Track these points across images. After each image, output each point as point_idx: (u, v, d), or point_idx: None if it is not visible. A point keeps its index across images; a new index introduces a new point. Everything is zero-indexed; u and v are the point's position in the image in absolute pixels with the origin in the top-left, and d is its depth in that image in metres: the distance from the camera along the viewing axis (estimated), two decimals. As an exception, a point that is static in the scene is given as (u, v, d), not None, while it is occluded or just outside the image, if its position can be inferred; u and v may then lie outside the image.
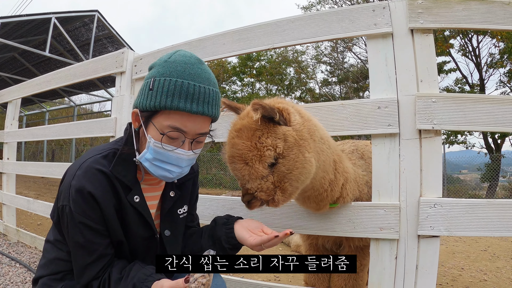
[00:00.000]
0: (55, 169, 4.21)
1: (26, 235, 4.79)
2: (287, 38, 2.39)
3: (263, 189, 1.68)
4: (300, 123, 1.77)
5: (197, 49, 2.75)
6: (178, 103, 1.36)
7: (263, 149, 1.66)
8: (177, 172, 1.51)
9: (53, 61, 16.77)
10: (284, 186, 1.71)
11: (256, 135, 1.68)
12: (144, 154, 1.47)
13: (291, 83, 27.04)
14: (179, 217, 1.76)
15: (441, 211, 1.95)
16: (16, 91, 5.07)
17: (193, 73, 1.40)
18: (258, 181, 1.67)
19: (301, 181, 1.76)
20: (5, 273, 3.58)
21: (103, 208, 1.45)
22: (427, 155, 2.00)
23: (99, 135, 3.41)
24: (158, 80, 1.39)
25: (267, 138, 1.67)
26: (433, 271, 1.99)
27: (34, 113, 27.35)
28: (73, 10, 14.93)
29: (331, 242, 2.59)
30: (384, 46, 2.13)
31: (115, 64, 3.31)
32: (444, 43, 16.61)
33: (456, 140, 18.50)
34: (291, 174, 1.70)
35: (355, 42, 22.31)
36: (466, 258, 5.40)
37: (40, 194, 10.88)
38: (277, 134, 1.69)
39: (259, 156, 1.65)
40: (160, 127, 1.41)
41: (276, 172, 1.69)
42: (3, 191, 5.16)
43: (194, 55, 1.48)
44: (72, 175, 1.46)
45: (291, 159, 1.69)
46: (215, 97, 1.46)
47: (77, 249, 1.47)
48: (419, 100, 2.00)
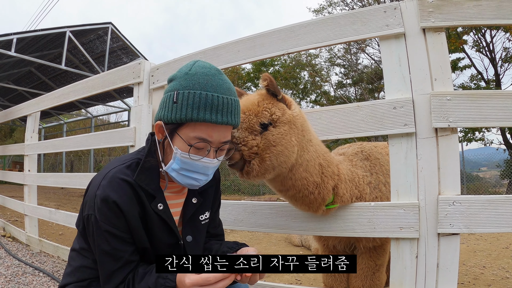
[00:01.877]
0: (74, 180, 4.28)
1: (48, 245, 4.87)
2: (301, 43, 2.42)
3: (247, 144, 1.83)
4: (298, 114, 1.99)
5: (213, 58, 2.79)
6: (204, 115, 1.39)
7: (262, 109, 1.89)
8: (203, 180, 1.54)
9: (69, 74, 17.02)
10: (264, 157, 1.85)
11: (260, 99, 1.94)
12: (171, 165, 1.50)
13: (306, 87, 26.98)
14: (201, 223, 1.78)
15: (460, 209, 1.95)
16: (35, 104, 5.17)
17: (215, 85, 1.43)
18: (246, 133, 1.85)
19: (279, 161, 1.90)
20: (29, 282, 3.64)
21: (127, 216, 1.47)
22: (444, 153, 2.00)
23: (119, 144, 3.46)
24: (182, 93, 1.41)
25: (268, 104, 1.92)
26: (454, 269, 1.98)
27: (52, 125, 27.71)
28: (87, 23, 15.10)
29: (342, 243, 2.61)
30: (397, 46, 2.14)
31: (132, 75, 3.36)
32: (457, 39, 16.42)
33: (474, 137, 18.24)
34: (274, 148, 1.86)
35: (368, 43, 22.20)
36: (487, 256, 5.33)
37: (60, 204, 11.02)
38: (278, 106, 1.94)
39: (257, 112, 1.87)
40: (186, 139, 1.44)
41: (263, 139, 1.86)
42: (25, 203, 5.24)
43: (213, 66, 1.50)
44: (97, 185, 1.49)
45: (279, 132, 1.88)
46: (236, 106, 1.49)
47: (103, 257, 1.49)
48: (434, 98, 2.00)
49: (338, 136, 2.27)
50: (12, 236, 5.80)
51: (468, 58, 18.22)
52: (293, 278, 4.42)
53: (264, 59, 2.64)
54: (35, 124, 5.28)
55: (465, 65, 18.65)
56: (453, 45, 15.85)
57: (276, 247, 6.42)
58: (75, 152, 31.47)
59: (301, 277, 4.50)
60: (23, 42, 13.73)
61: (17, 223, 6.72)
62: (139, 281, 1.47)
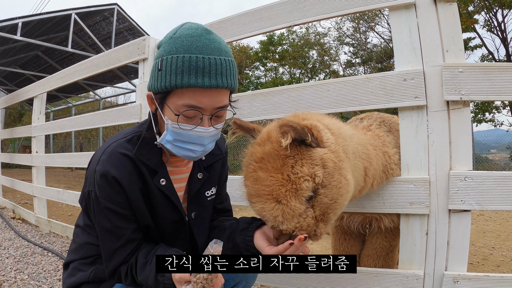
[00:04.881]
0: (81, 159, 4.30)
1: (57, 225, 4.91)
2: (308, 14, 2.35)
3: (303, 227, 1.39)
4: (334, 142, 1.51)
5: (218, 31, 2.72)
6: (189, 79, 1.29)
7: (298, 181, 1.36)
8: (200, 151, 1.45)
9: (76, 56, 16.95)
10: (328, 217, 1.45)
11: (287, 164, 1.39)
12: (165, 136, 1.44)
13: (315, 66, 26.90)
14: (206, 199, 1.73)
15: (472, 185, 1.90)
16: (41, 85, 5.17)
17: (200, 46, 1.32)
18: (295, 219, 1.37)
19: (344, 206, 1.52)
20: (37, 262, 3.67)
21: (128, 192, 1.44)
22: (456, 127, 1.95)
23: (124, 122, 3.45)
24: (166, 58, 1.33)
25: (302, 167, 1.38)
26: (465, 247, 1.95)
27: (60, 108, 27.83)
28: (92, 5, 14.98)
29: (357, 222, 2.51)
30: (408, 17, 2.07)
31: (137, 52, 3.32)
32: (468, 18, 16.17)
33: (484, 118, 18.08)
34: (336, 203, 1.44)
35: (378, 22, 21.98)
36: (497, 237, 5.30)
37: (70, 186, 11.13)
38: (313, 160, 1.41)
39: (295, 190, 1.36)
40: (174, 108, 1.35)
41: (317, 206, 1.42)
42: (33, 184, 5.28)
43: (201, 26, 1.39)
44: (96, 161, 1.46)
45: (333, 186, 1.41)
46: (229, 66, 1.36)
47: (105, 234, 1.47)
48: (445, 70, 1.94)
49: (347, 109, 2.20)
50: (22, 218, 5.86)
51: (479, 37, 18.03)
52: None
53: (271, 31, 2.56)
54: (42, 105, 5.28)
55: (476, 45, 18.45)
56: (464, 24, 15.63)
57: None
58: (84, 134, 31.72)
59: (312, 247, 4.48)
60: (29, 26, 13.69)
61: (26, 205, 6.78)
62: (139, 271, 1.44)
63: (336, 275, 2.21)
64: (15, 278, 3.16)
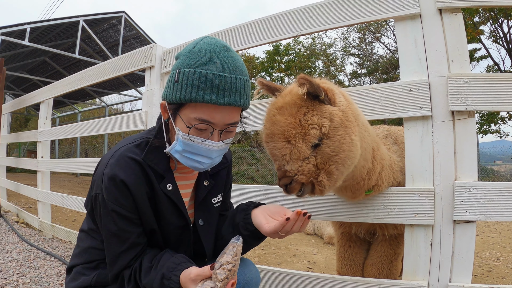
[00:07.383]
0: (86, 165, 4.31)
1: (61, 230, 4.91)
2: (314, 24, 2.36)
3: (304, 172, 1.58)
4: (346, 105, 1.71)
5: (225, 40, 2.70)
6: (204, 95, 1.32)
7: (308, 126, 1.57)
8: (207, 163, 1.49)
9: (83, 63, 17.09)
10: (330, 169, 1.62)
11: (301, 111, 1.60)
12: (174, 146, 1.47)
13: (320, 77, 26.88)
14: (213, 206, 1.75)
15: (477, 195, 1.89)
16: (48, 91, 5.21)
17: (218, 63, 1.35)
18: (299, 162, 1.57)
19: (347, 166, 1.67)
20: (40, 266, 3.67)
21: (135, 196, 1.45)
22: (461, 137, 1.94)
23: (130, 129, 3.45)
24: (183, 72, 1.36)
25: (312, 116, 1.59)
26: (470, 258, 1.93)
27: (66, 114, 27.97)
28: (100, 12, 15.15)
29: (364, 230, 2.54)
30: (413, 27, 2.08)
31: (144, 59, 3.34)
32: (474, 29, 16.18)
33: (490, 129, 18.00)
34: (337, 156, 1.61)
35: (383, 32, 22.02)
36: (502, 249, 5.28)
37: (74, 192, 11.17)
38: (323, 113, 1.61)
39: (303, 134, 1.57)
40: (187, 120, 1.39)
41: (319, 154, 1.60)
42: (38, 188, 5.30)
43: (221, 42, 1.42)
44: (105, 164, 1.48)
45: (336, 140, 1.60)
46: (243, 85, 1.40)
47: (110, 238, 1.48)
48: (451, 80, 1.94)
49: (352, 118, 2.20)
50: (25, 222, 5.86)
51: (485, 48, 18.01)
52: (304, 266, 4.41)
53: (277, 41, 2.58)
54: (48, 111, 5.31)
55: (482, 56, 18.42)
56: (469, 35, 15.63)
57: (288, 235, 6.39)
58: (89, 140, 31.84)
59: (312, 265, 4.49)
60: (37, 32, 13.84)
61: (30, 209, 6.80)
62: (144, 276, 1.45)
63: (338, 283, 2.20)
64: (17, 281, 3.16)
